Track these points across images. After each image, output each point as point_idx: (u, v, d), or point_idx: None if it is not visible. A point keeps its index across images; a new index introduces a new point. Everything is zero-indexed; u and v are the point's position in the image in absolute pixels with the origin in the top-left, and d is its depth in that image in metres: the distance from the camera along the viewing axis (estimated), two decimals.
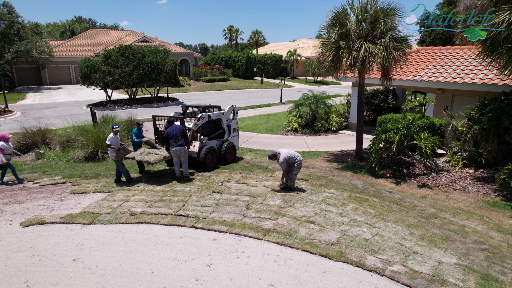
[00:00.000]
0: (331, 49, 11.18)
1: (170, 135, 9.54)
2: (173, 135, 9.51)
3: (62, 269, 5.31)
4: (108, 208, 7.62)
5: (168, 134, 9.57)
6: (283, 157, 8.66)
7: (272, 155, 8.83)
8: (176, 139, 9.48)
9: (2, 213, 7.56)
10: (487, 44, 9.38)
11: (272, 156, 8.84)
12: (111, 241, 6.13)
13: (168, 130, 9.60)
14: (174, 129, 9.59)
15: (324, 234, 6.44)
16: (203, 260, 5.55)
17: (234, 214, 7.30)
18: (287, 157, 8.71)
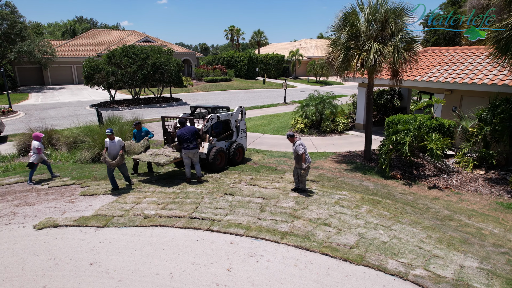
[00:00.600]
0: (341, 49, 11.09)
1: (184, 137, 9.41)
2: (187, 137, 9.38)
3: (79, 274, 5.24)
4: (120, 210, 7.55)
5: (180, 135, 9.45)
6: (301, 142, 8.73)
7: (291, 135, 8.89)
8: (190, 141, 9.38)
9: (14, 216, 7.49)
10: (500, 44, 9.30)
11: (291, 136, 8.91)
12: (127, 245, 6.05)
13: (180, 132, 9.48)
14: (186, 130, 9.47)
15: (342, 237, 6.37)
16: (222, 264, 5.48)
17: (248, 216, 7.23)
18: (303, 144, 8.78)
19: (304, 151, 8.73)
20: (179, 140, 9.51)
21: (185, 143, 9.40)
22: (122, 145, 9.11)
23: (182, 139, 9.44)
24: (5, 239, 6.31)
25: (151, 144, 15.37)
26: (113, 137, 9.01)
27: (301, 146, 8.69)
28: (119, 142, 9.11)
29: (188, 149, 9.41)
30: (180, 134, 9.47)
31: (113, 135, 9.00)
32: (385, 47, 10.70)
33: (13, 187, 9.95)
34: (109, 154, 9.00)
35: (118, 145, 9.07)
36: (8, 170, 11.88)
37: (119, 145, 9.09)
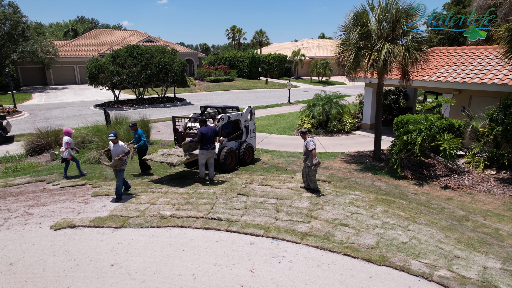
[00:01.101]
0: (352, 49, 11.07)
1: (207, 136, 9.22)
2: (210, 136, 9.25)
3: (101, 275, 5.21)
4: (135, 211, 7.52)
5: (205, 134, 9.19)
6: (311, 138, 8.85)
7: (305, 132, 9.05)
8: (211, 141, 9.27)
9: (29, 216, 7.45)
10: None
11: (303, 132, 9.06)
12: (146, 246, 6.02)
13: (205, 131, 9.21)
14: (209, 130, 9.30)
15: (362, 238, 6.35)
16: (244, 265, 5.45)
17: (265, 217, 7.20)
18: (314, 141, 8.91)
19: (315, 147, 8.76)
20: (203, 139, 9.22)
21: (207, 143, 9.26)
22: (125, 150, 8.43)
23: (205, 138, 9.21)
24: (23, 240, 6.28)
25: (158, 144, 15.34)
26: (116, 141, 8.42)
27: (311, 142, 8.78)
28: (122, 147, 8.43)
29: (209, 149, 9.30)
30: (204, 133, 9.19)
31: (116, 139, 8.42)
32: (396, 47, 10.68)
33: (24, 187, 9.92)
34: (113, 158, 8.46)
35: (121, 150, 8.41)
36: (17, 170, 11.85)
37: (122, 150, 8.43)
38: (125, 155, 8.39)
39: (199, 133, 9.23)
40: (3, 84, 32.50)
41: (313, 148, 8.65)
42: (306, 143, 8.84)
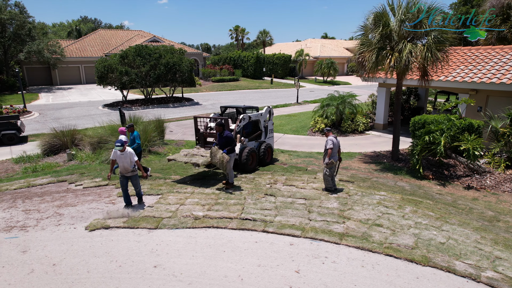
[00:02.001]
0: (373, 50, 11.05)
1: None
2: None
3: (146, 276, 5.19)
4: (167, 211, 7.49)
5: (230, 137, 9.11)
6: (332, 137, 8.88)
7: (328, 130, 9.12)
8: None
9: (60, 216, 7.43)
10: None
11: (326, 131, 9.13)
12: (185, 247, 6.00)
13: (229, 134, 9.15)
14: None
15: (399, 238, 6.33)
16: (288, 266, 5.43)
17: (298, 217, 7.19)
18: (335, 142, 8.90)
19: (333, 146, 8.80)
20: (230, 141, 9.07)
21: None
22: (134, 160, 7.72)
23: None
24: (61, 240, 6.25)
25: (172, 144, 15.32)
26: (124, 148, 7.65)
27: (330, 141, 8.84)
28: (131, 155, 7.71)
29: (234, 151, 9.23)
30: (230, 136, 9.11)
31: (124, 147, 7.62)
32: (417, 47, 10.67)
33: (47, 188, 9.90)
34: (120, 167, 7.75)
35: (129, 159, 7.67)
36: (37, 171, 11.83)
37: (130, 158, 7.68)
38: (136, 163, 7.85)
39: (231, 137, 9.09)
40: (9, 84, 32.45)
41: (329, 147, 8.72)
42: (326, 142, 8.91)
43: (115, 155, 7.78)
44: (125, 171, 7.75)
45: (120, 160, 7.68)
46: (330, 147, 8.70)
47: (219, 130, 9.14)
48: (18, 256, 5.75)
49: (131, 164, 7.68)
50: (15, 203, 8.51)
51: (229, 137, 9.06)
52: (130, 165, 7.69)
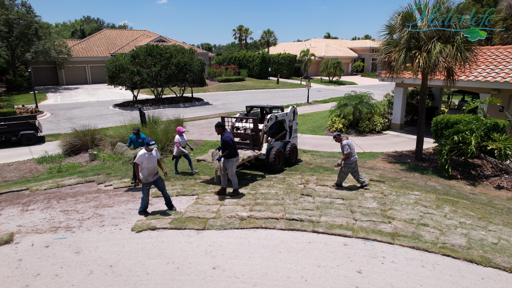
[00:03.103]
0: (401, 50, 11.02)
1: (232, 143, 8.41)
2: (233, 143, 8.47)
3: (208, 278, 5.14)
4: (209, 212, 7.44)
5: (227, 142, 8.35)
6: (346, 142, 9.05)
7: (337, 136, 9.23)
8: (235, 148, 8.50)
9: (101, 217, 7.37)
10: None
11: (336, 136, 9.25)
12: (239, 248, 5.96)
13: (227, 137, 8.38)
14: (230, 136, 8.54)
15: (450, 238, 6.31)
16: (348, 266, 5.40)
17: (343, 217, 7.16)
18: (350, 145, 9.07)
19: (350, 151, 8.97)
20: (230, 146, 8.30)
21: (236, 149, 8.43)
22: (159, 157, 7.52)
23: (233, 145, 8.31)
24: (111, 242, 6.20)
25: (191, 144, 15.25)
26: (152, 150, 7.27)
27: (346, 146, 8.97)
28: (157, 154, 7.41)
29: (238, 155, 8.48)
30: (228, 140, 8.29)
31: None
32: (447, 47, 10.66)
33: (77, 188, 9.83)
34: (148, 169, 7.24)
35: (157, 157, 7.37)
36: (61, 171, 11.75)
37: (157, 157, 7.39)
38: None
39: (229, 141, 8.18)
40: (17, 84, 32.29)
41: (346, 152, 8.93)
42: (341, 147, 9.07)
43: (142, 158, 7.09)
44: (152, 174, 7.33)
45: (148, 162, 7.13)
46: (346, 153, 8.94)
47: (219, 131, 8.50)
48: (72, 257, 5.69)
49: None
50: (50, 204, 8.44)
51: (225, 141, 8.16)
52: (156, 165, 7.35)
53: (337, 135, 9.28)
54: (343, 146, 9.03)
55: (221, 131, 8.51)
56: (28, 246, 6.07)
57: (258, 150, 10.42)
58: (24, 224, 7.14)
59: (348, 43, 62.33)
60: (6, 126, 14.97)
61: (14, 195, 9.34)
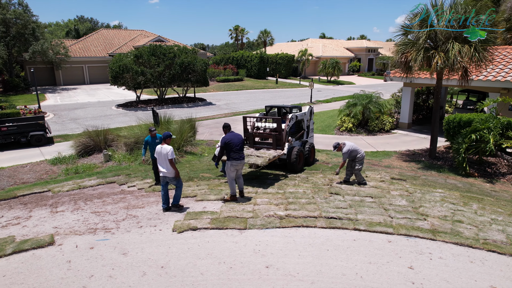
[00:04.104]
0: (419, 50, 11.18)
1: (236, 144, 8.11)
2: (238, 144, 8.17)
3: (264, 277, 5.16)
4: (245, 212, 7.45)
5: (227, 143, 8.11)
6: (347, 148, 9.35)
7: (337, 146, 9.44)
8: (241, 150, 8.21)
9: (136, 218, 7.32)
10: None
11: (336, 146, 9.45)
12: (286, 247, 5.99)
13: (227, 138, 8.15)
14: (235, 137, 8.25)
15: (489, 234, 6.45)
16: (398, 262, 5.48)
17: (379, 215, 7.24)
18: (351, 149, 9.37)
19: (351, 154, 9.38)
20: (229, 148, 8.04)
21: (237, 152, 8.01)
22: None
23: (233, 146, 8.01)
24: (156, 243, 6.17)
25: (203, 144, 15.22)
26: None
27: (346, 154, 9.36)
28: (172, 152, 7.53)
29: (239, 159, 8.05)
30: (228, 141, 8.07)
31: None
32: (464, 46, 10.85)
33: (100, 189, 9.74)
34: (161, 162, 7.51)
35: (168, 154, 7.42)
36: (78, 172, 11.62)
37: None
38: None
39: (222, 143, 8.05)
40: (14, 84, 31.72)
41: (344, 160, 9.42)
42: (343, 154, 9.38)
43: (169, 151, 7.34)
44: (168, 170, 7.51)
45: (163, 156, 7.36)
46: (344, 160, 9.44)
47: (224, 132, 8.36)
48: (121, 258, 5.65)
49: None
50: (78, 205, 8.35)
51: (222, 142, 8.03)
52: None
53: (336, 145, 9.45)
54: (343, 154, 9.39)
55: (225, 132, 8.31)
56: (72, 247, 6.01)
57: (281, 150, 10.46)
58: (59, 225, 7.05)
59: (344, 43, 62.81)
60: (15, 127, 14.73)
61: (37, 197, 9.21)
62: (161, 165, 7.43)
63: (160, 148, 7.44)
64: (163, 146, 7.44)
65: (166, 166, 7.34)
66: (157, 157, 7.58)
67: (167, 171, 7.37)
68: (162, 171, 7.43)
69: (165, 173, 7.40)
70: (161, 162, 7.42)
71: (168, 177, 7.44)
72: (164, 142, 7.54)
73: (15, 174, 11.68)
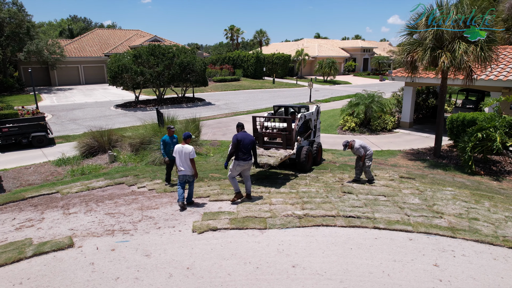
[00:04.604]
0: (425, 49, 11.29)
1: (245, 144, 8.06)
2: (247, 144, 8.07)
3: (292, 276, 5.16)
4: (262, 211, 7.44)
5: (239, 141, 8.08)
6: (358, 144, 9.41)
7: (347, 144, 9.43)
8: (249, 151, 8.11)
9: (153, 220, 7.25)
10: None
11: (346, 145, 9.44)
12: (309, 246, 5.99)
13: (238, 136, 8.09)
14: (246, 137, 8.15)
15: (507, 231, 6.53)
16: (423, 260, 5.52)
17: (395, 213, 7.30)
18: (362, 145, 9.47)
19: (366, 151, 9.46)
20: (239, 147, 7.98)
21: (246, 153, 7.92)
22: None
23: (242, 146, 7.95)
24: (177, 244, 6.12)
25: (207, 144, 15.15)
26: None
27: (360, 148, 9.39)
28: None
29: (246, 160, 7.94)
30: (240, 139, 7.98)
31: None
32: (470, 46, 10.99)
33: (110, 190, 9.63)
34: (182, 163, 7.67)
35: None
36: (85, 173, 11.48)
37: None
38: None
39: (234, 140, 7.95)
40: (9, 85, 31.22)
41: (363, 154, 9.43)
42: (356, 151, 9.43)
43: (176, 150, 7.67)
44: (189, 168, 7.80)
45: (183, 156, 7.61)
46: (365, 152, 9.44)
47: (237, 131, 8.29)
48: (144, 260, 5.60)
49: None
50: (90, 206, 8.25)
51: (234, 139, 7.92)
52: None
53: (346, 143, 9.45)
54: (357, 149, 9.40)
55: (238, 131, 8.27)
56: (93, 249, 5.93)
57: (291, 149, 10.46)
58: (75, 227, 6.96)
59: (339, 43, 63.15)
60: (17, 128, 14.50)
61: (47, 199, 9.08)
62: (181, 165, 7.56)
63: (181, 147, 7.59)
64: (184, 146, 7.60)
65: (188, 165, 7.54)
66: (176, 157, 7.64)
67: (187, 169, 7.55)
68: (182, 170, 7.58)
69: (185, 172, 7.59)
70: (181, 161, 7.55)
71: (187, 175, 7.65)
72: (185, 142, 7.70)
73: (20, 175, 11.49)
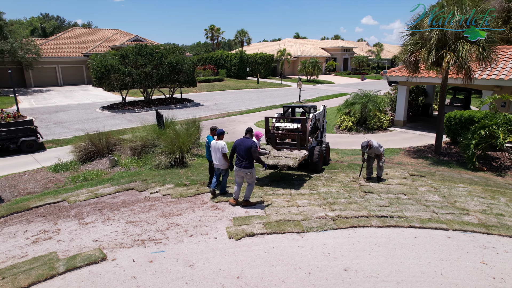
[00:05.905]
0: (430, 50, 11.55)
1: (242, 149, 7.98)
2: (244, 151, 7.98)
3: (347, 280, 5.05)
4: (293, 214, 7.29)
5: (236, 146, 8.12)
6: (377, 143, 9.65)
7: (367, 145, 9.47)
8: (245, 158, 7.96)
9: (181, 227, 6.94)
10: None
11: (367, 145, 9.47)
12: (353, 248, 5.92)
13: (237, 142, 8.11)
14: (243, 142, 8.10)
15: None
16: (469, 257, 5.58)
17: (423, 211, 7.38)
18: (379, 143, 9.73)
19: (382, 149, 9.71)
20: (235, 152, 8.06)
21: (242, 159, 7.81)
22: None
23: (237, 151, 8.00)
24: (219, 252, 5.86)
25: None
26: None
27: (378, 146, 9.60)
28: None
29: (240, 166, 7.82)
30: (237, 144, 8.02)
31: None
32: (473, 46, 11.35)
33: (120, 197, 9.18)
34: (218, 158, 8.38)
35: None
36: (87, 179, 10.90)
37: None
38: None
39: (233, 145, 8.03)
40: None
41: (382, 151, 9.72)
42: (376, 149, 9.59)
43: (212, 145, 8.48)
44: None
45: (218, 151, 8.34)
46: (382, 152, 9.73)
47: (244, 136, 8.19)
48: (189, 271, 5.31)
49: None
50: (106, 215, 7.80)
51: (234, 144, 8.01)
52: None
53: (367, 144, 9.41)
54: (377, 148, 9.56)
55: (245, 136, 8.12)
56: (129, 262, 5.57)
57: (305, 150, 10.39)
58: (99, 238, 6.54)
59: (320, 43, 63.98)
60: (4, 132, 13.59)
61: (54, 208, 8.52)
62: (216, 159, 8.36)
63: (215, 143, 8.30)
64: (217, 142, 8.31)
65: (219, 159, 8.30)
66: (212, 152, 8.42)
67: (220, 163, 8.37)
68: (216, 163, 8.41)
69: (219, 165, 8.44)
70: (216, 156, 8.32)
71: (220, 168, 8.49)
72: (218, 138, 8.35)
73: (15, 183, 10.75)
